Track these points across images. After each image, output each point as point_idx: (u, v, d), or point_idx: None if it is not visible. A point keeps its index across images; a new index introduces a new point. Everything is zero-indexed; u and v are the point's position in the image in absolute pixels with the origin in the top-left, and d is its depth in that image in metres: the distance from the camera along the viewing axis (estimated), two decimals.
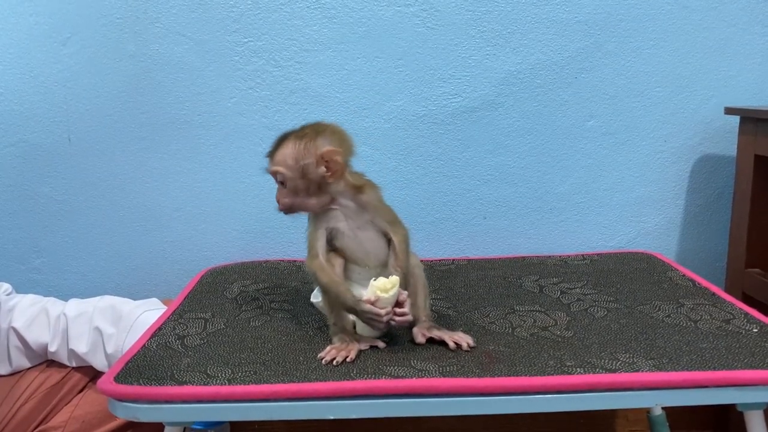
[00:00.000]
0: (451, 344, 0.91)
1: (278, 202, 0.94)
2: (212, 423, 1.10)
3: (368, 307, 0.88)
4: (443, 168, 1.40)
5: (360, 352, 0.89)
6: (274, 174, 0.92)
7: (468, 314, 1.05)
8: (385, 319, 0.88)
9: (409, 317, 0.90)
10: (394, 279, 0.89)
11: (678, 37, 1.37)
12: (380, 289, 0.87)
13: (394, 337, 0.95)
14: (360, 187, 0.94)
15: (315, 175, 0.91)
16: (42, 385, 1.16)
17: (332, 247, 0.95)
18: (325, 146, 0.90)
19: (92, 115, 1.37)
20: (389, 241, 0.95)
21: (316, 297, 1.02)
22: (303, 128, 0.93)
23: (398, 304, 0.89)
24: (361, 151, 1.38)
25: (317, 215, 0.95)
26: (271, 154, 0.93)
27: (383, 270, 0.95)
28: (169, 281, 1.43)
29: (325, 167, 0.90)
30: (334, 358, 0.87)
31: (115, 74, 1.35)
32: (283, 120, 1.37)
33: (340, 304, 0.91)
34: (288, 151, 0.91)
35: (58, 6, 1.33)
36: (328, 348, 0.89)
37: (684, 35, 1.37)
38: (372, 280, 0.89)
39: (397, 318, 0.89)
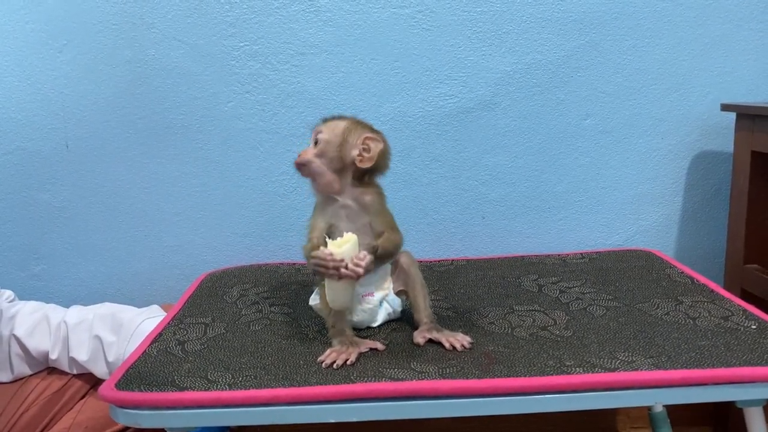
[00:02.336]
0: (447, 345, 0.91)
1: (300, 155, 0.96)
2: (213, 428, 1.10)
3: (316, 252, 0.88)
4: (441, 169, 1.41)
5: (360, 354, 0.90)
6: (317, 133, 0.96)
7: (467, 315, 1.05)
8: (331, 267, 0.86)
9: (360, 270, 0.87)
10: (350, 235, 0.89)
11: (673, 34, 1.37)
12: (334, 245, 0.88)
13: (394, 340, 0.96)
14: (366, 187, 0.97)
15: (347, 154, 0.95)
16: (44, 392, 1.16)
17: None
18: (371, 133, 0.96)
19: (90, 121, 1.37)
20: None
21: (314, 300, 1.02)
22: (359, 120, 0.99)
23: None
24: None
25: (321, 209, 0.97)
26: (326, 120, 0.98)
27: (379, 273, 0.97)
28: (169, 286, 1.43)
29: (360, 152, 0.95)
30: (335, 361, 0.87)
31: (111, 80, 1.35)
32: (280, 123, 1.37)
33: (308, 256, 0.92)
34: (341, 124, 0.97)
35: (54, 13, 1.33)
36: (328, 351, 0.90)
37: (679, 32, 1.37)
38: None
39: (351, 266, 0.86)
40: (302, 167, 0.96)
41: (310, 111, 1.37)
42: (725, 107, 1.32)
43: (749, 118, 1.26)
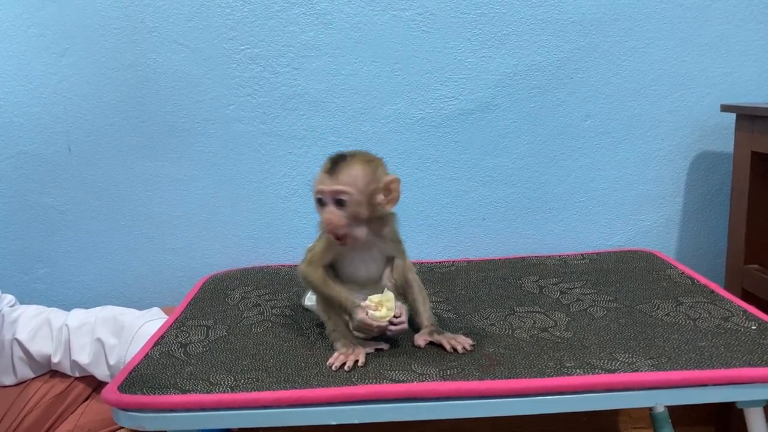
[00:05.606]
0: (448, 347, 0.91)
1: (332, 222, 0.87)
2: (215, 431, 1.11)
3: (362, 320, 0.89)
4: (441, 170, 1.41)
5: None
6: (338, 193, 0.87)
7: (468, 316, 1.05)
8: (376, 331, 0.90)
9: (404, 326, 0.92)
10: (388, 295, 0.91)
11: (673, 35, 1.37)
12: (374, 307, 0.90)
13: (396, 342, 0.96)
14: (385, 219, 0.93)
15: (375, 203, 0.89)
16: (46, 395, 1.17)
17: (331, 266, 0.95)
18: (388, 175, 0.90)
19: (92, 124, 1.38)
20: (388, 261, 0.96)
21: (310, 300, 1.02)
22: (360, 153, 0.90)
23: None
24: None
25: (331, 242, 0.91)
26: (335, 172, 0.87)
27: (375, 287, 0.95)
28: (171, 288, 1.44)
29: (385, 196, 0.90)
30: (345, 363, 0.87)
31: (113, 84, 1.36)
32: (281, 126, 1.38)
33: (340, 310, 0.92)
34: (358, 172, 0.87)
35: (56, 17, 1.33)
36: (336, 354, 0.90)
37: (679, 33, 1.37)
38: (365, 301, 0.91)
39: (393, 328, 0.91)
40: (343, 239, 0.88)
41: (311, 113, 1.37)
42: (725, 108, 1.32)
43: (749, 118, 1.26)
